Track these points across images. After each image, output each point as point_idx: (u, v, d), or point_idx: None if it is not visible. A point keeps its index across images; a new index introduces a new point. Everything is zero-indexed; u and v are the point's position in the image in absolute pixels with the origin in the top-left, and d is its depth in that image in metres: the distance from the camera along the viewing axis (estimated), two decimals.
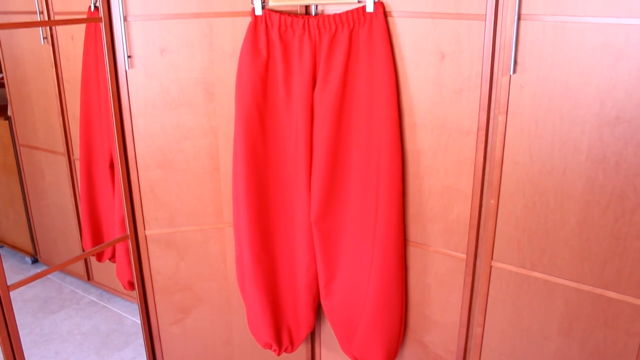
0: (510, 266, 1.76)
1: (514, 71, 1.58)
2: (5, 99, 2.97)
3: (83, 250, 2.74)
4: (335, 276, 2.02)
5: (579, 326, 1.69)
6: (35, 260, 3.28)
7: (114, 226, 2.38)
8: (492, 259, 1.79)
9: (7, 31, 2.76)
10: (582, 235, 1.61)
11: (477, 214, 1.78)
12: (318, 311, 2.21)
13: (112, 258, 2.58)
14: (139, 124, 1.97)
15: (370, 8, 1.72)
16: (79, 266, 3.07)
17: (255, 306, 2.08)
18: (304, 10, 1.87)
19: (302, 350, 2.35)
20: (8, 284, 1.82)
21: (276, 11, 1.82)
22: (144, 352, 2.34)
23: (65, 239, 2.98)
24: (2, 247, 3.41)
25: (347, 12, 1.75)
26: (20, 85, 2.84)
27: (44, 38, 2.59)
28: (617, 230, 1.55)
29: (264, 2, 1.81)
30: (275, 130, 1.93)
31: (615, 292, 1.60)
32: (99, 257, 2.67)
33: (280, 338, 2.14)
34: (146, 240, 2.12)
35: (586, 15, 1.44)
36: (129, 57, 1.89)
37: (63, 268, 3.11)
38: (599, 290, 1.62)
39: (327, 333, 2.29)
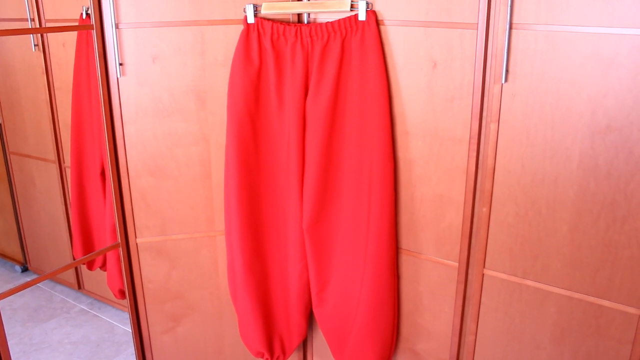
0: (502, 274, 1.76)
1: (506, 80, 1.59)
2: None
3: (74, 259, 2.72)
4: (327, 284, 2.02)
5: (571, 334, 1.69)
6: (25, 269, 3.25)
7: (105, 234, 2.37)
8: (484, 267, 1.79)
9: None
10: (573, 243, 1.61)
11: (469, 222, 1.78)
12: (310, 319, 2.20)
13: (103, 266, 2.56)
14: (131, 131, 1.96)
15: (362, 16, 1.72)
16: (70, 275, 3.04)
17: (247, 314, 2.07)
18: (296, 19, 1.88)
19: (295, 359, 2.34)
20: None
21: (268, 19, 1.82)
22: None
23: (55, 247, 2.96)
24: None
25: (339, 20, 1.75)
26: (10, 92, 2.82)
27: (35, 45, 2.58)
28: (609, 238, 1.55)
29: (256, 10, 1.81)
30: (267, 138, 1.93)
31: (607, 300, 1.60)
32: (90, 265, 2.65)
33: (272, 347, 2.13)
34: (137, 248, 2.11)
35: (577, 25, 1.45)
36: (120, 64, 1.88)
37: (53, 277, 3.08)
38: (590, 298, 1.63)
39: (320, 341, 2.28)
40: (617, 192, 1.51)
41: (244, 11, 1.81)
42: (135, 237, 2.09)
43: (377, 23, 1.74)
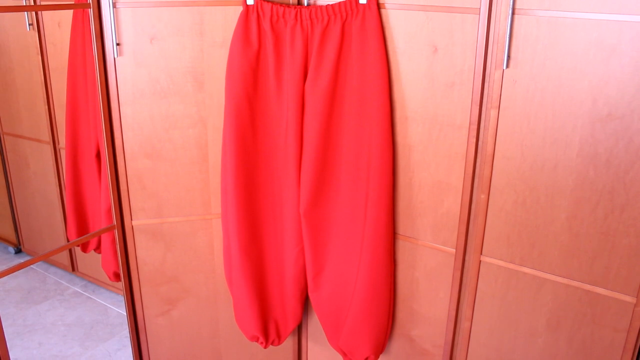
0: (499, 261, 1.76)
1: (507, 66, 1.58)
2: None
3: (68, 241, 2.71)
4: (323, 269, 2.02)
5: (567, 322, 1.70)
6: (18, 250, 3.24)
7: (99, 216, 2.36)
8: (481, 253, 1.79)
9: None
10: (571, 231, 1.61)
11: (467, 209, 1.78)
12: (305, 304, 2.20)
13: (97, 249, 2.56)
14: (127, 112, 1.94)
15: None
16: (63, 257, 3.04)
17: (242, 298, 2.07)
18: (296, 1, 1.86)
19: (289, 344, 2.34)
20: None
21: (268, 1, 1.80)
22: (129, 343, 2.32)
23: (49, 228, 2.95)
24: None
25: (339, 3, 1.73)
26: (4, 72, 2.79)
27: (29, 24, 2.55)
28: (607, 226, 1.55)
29: None
30: (265, 121, 1.91)
31: (604, 288, 1.60)
32: (84, 247, 2.64)
33: (267, 331, 2.13)
34: (133, 230, 2.09)
35: (580, 11, 1.43)
36: (117, 44, 1.86)
37: (47, 258, 3.07)
38: (587, 286, 1.63)
39: (314, 326, 2.28)
40: (616, 180, 1.50)
41: None
42: (131, 219, 2.08)
43: (378, 6, 1.72)
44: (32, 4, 2.42)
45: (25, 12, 2.54)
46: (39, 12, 2.49)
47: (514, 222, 1.70)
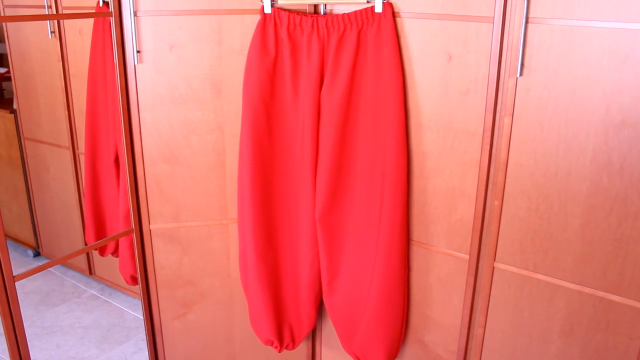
0: (512, 267, 1.77)
1: (521, 74, 1.59)
2: (11, 92, 2.98)
3: (86, 244, 2.75)
4: (338, 274, 2.03)
5: (580, 329, 1.70)
6: (37, 254, 3.29)
7: (117, 220, 2.39)
8: (494, 260, 1.80)
9: (14, 25, 2.78)
10: (585, 238, 1.62)
11: (480, 215, 1.79)
12: (320, 309, 2.22)
13: (115, 252, 2.60)
14: (146, 118, 1.98)
15: (379, 8, 1.73)
16: (81, 260, 3.08)
17: (257, 303, 2.09)
18: (312, 10, 1.89)
19: (303, 348, 2.36)
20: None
21: (285, 10, 1.83)
22: (145, 346, 2.35)
23: (67, 232, 3.00)
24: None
25: (355, 12, 1.76)
26: (26, 78, 2.86)
27: (51, 32, 2.61)
28: (620, 233, 1.56)
29: (273, 0, 1.82)
30: (282, 128, 1.94)
31: (617, 296, 1.61)
32: (102, 251, 2.68)
33: (281, 335, 2.15)
34: (150, 234, 2.13)
35: (594, 20, 1.45)
36: (138, 52, 1.90)
37: (65, 261, 3.12)
38: (600, 293, 1.63)
39: (328, 331, 2.30)
40: (629, 187, 1.51)
41: (261, 1, 1.82)
42: (149, 223, 2.11)
43: (394, 15, 1.74)
44: (55, 12, 2.47)
45: (48, 21, 2.60)
46: (61, 20, 2.55)
47: (527, 228, 1.71)
